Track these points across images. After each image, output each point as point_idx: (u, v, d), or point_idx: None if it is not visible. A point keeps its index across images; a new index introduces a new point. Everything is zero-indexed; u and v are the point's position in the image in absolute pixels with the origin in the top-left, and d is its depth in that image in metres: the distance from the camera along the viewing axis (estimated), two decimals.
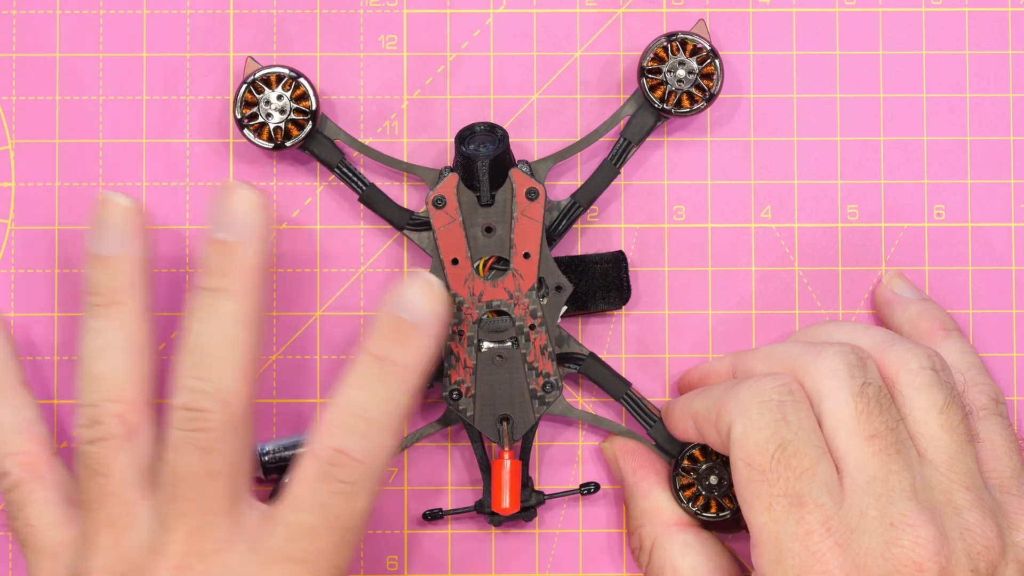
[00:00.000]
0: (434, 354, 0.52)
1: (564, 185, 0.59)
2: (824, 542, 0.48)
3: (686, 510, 0.56)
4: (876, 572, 0.48)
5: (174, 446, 0.50)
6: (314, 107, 0.56)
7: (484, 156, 0.55)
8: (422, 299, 0.51)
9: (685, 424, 0.55)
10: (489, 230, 0.56)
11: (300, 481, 0.50)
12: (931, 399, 0.51)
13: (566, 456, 0.59)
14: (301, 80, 0.56)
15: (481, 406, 0.55)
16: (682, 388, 0.58)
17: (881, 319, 0.58)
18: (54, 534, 0.53)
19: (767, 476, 0.49)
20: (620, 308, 0.58)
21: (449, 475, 0.58)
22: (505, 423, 0.55)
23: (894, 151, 0.59)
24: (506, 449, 0.55)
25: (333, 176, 0.59)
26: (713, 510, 0.56)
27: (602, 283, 0.57)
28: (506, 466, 0.55)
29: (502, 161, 0.55)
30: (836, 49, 0.59)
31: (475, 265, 0.55)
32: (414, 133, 0.59)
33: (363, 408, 0.50)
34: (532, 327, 0.55)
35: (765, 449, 0.49)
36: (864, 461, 0.49)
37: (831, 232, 0.59)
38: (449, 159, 0.58)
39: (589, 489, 0.57)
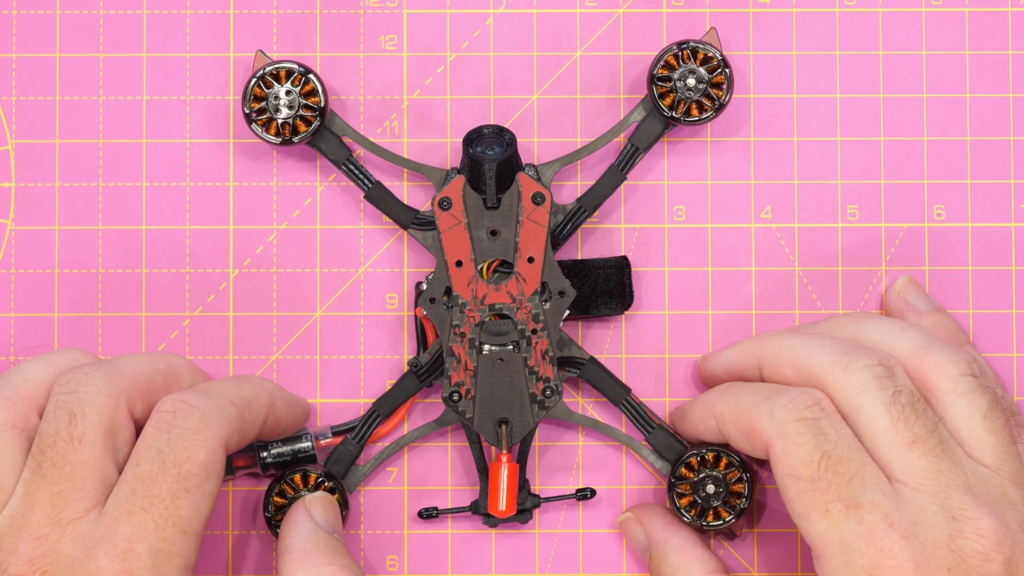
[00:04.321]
0: (287, 405, 0.56)
1: (566, 187, 0.59)
2: (889, 536, 0.48)
3: (686, 521, 0.56)
4: (945, 564, 0.48)
5: (50, 413, 0.51)
6: (323, 103, 0.56)
7: (491, 159, 0.55)
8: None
9: (707, 423, 0.55)
10: (494, 233, 0.56)
11: (142, 437, 0.51)
12: (974, 404, 0.51)
13: (564, 459, 0.59)
14: (311, 76, 0.56)
15: (481, 408, 0.55)
16: (703, 373, 0.58)
17: None
18: None
19: (817, 485, 0.49)
20: (622, 313, 0.58)
21: (449, 475, 0.58)
22: (504, 426, 0.55)
23: (894, 151, 0.59)
24: (504, 452, 0.55)
25: (334, 176, 0.59)
26: (710, 519, 0.56)
27: (604, 288, 0.57)
28: (503, 469, 0.55)
29: (509, 164, 0.55)
30: (836, 49, 0.59)
31: (479, 268, 0.55)
32: (414, 133, 0.59)
33: (210, 384, 0.53)
34: (534, 331, 0.55)
35: (810, 460, 0.50)
36: (911, 466, 0.50)
37: (831, 232, 0.59)
38: (449, 159, 0.58)
39: (585, 495, 0.57)
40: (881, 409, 0.50)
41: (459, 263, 0.55)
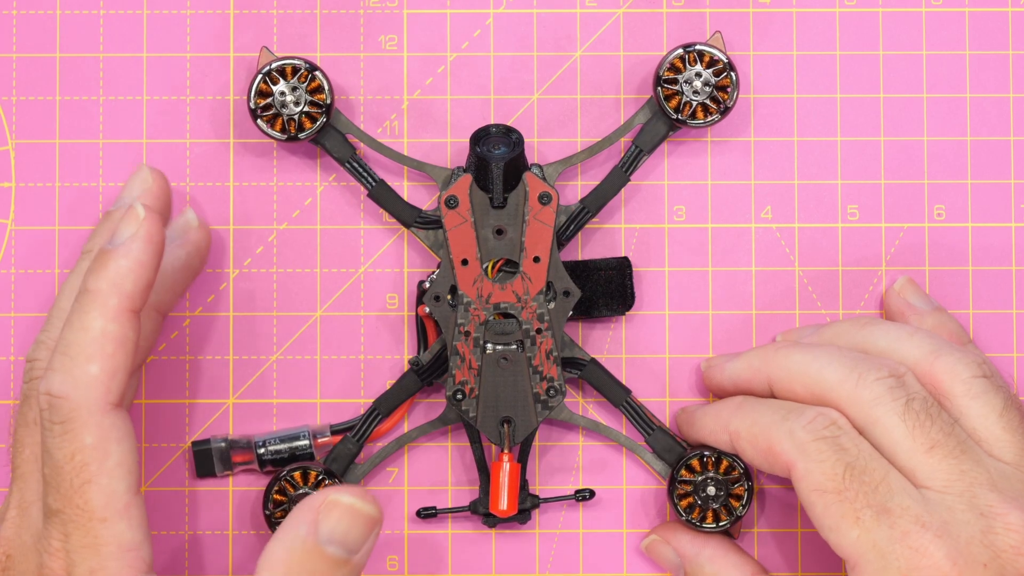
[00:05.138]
0: (139, 273, 0.50)
1: (567, 188, 0.59)
2: (923, 536, 0.49)
3: (686, 522, 0.56)
4: (981, 559, 0.49)
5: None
6: (329, 100, 0.56)
7: (499, 158, 0.55)
8: (124, 227, 0.51)
9: (718, 437, 0.55)
10: (500, 232, 0.56)
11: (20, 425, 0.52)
12: (989, 405, 0.52)
13: (564, 460, 0.59)
14: (316, 73, 0.56)
15: (484, 407, 0.55)
16: (709, 383, 0.58)
17: None
18: None
19: (845, 495, 0.50)
20: (623, 315, 0.58)
21: (449, 475, 0.58)
22: (507, 425, 0.55)
23: (894, 151, 0.59)
24: (506, 451, 0.55)
25: (334, 176, 0.59)
26: (710, 520, 0.56)
27: (606, 289, 0.57)
28: (505, 468, 0.55)
29: (516, 164, 0.55)
30: (836, 49, 0.59)
31: (484, 267, 0.55)
32: (415, 133, 0.59)
33: (62, 343, 0.50)
34: (539, 331, 0.55)
35: (834, 474, 0.50)
36: (933, 470, 0.50)
37: (831, 232, 0.59)
38: (450, 159, 0.58)
39: (584, 496, 0.57)
40: (896, 419, 0.51)
41: (464, 262, 0.55)
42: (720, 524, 0.56)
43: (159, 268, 0.51)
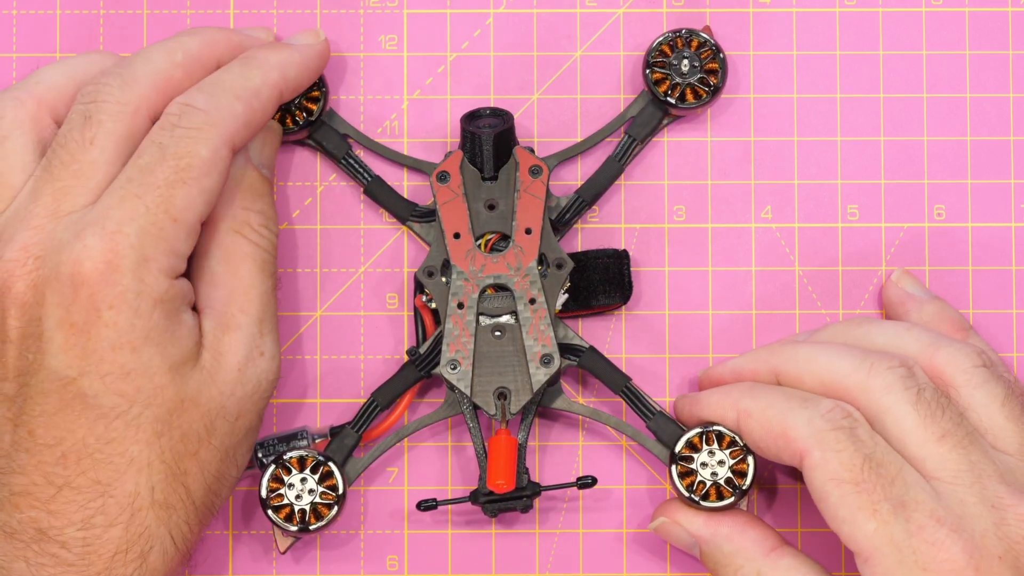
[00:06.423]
0: (299, 70, 0.55)
1: (566, 187, 0.59)
2: (939, 531, 0.49)
3: (687, 499, 0.55)
4: (995, 552, 0.49)
5: (68, 119, 0.52)
6: (323, 89, 0.57)
7: (489, 131, 0.55)
8: (303, 35, 0.56)
9: (725, 415, 0.54)
10: (492, 207, 0.56)
11: (146, 137, 0.51)
12: (991, 394, 0.52)
13: (565, 455, 0.59)
14: None
15: (478, 379, 0.55)
16: (706, 384, 0.58)
17: (892, 317, 0.58)
18: None
19: (863, 486, 0.50)
20: (621, 305, 0.58)
21: (449, 475, 0.58)
22: (502, 399, 0.55)
23: (894, 151, 0.59)
24: (503, 425, 0.55)
25: (334, 176, 0.59)
26: (713, 498, 0.55)
27: (604, 278, 0.57)
28: (501, 442, 0.55)
29: (506, 139, 0.56)
30: (836, 49, 0.59)
31: (477, 242, 0.56)
32: (414, 133, 0.59)
33: (216, 77, 0.53)
34: (532, 301, 0.55)
35: (852, 464, 0.50)
36: (943, 460, 0.50)
37: (831, 232, 0.59)
38: None
39: (586, 482, 0.57)
40: (908, 408, 0.51)
41: (457, 235, 0.56)
42: (724, 500, 0.55)
43: (306, 87, 0.56)
